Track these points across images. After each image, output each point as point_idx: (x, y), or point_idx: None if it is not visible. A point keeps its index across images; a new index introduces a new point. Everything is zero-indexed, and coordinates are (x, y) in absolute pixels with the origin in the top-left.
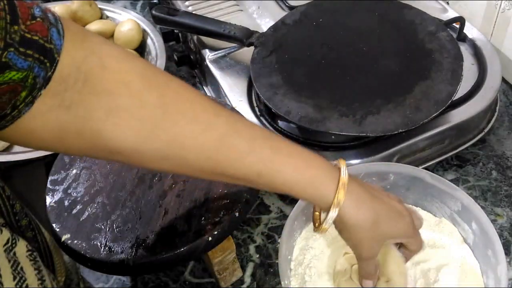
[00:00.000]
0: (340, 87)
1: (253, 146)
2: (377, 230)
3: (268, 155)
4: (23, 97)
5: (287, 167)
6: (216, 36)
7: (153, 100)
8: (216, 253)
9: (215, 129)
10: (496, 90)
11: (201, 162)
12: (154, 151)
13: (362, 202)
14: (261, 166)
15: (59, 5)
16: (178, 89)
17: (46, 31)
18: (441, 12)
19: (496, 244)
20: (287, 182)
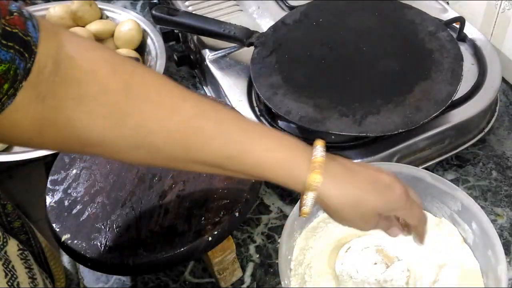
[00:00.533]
0: (340, 87)
1: (221, 128)
2: (365, 206)
3: (237, 136)
4: (6, 89)
5: (257, 148)
6: (216, 36)
7: (118, 86)
8: (216, 253)
9: (181, 113)
10: (496, 90)
11: (170, 148)
12: (124, 139)
13: (342, 181)
14: (230, 148)
15: (59, 5)
16: (144, 75)
17: (23, 24)
18: (441, 12)
19: (496, 244)
20: (258, 164)
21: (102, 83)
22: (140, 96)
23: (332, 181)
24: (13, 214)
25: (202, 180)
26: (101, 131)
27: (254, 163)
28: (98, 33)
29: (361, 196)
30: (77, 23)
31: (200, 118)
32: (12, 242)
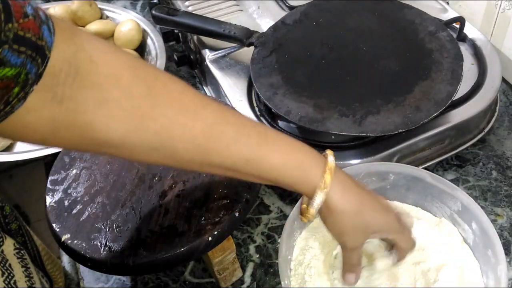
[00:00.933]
0: (340, 87)
1: (241, 133)
2: (362, 219)
3: (256, 141)
4: (16, 93)
5: (274, 152)
6: (216, 36)
7: (142, 91)
8: (216, 253)
9: (203, 119)
10: (496, 90)
11: (190, 152)
12: (144, 142)
13: (348, 189)
14: (249, 152)
15: (59, 5)
16: (166, 81)
17: (37, 28)
18: (441, 12)
19: (496, 244)
20: (274, 166)
21: (125, 88)
22: (163, 102)
23: (341, 186)
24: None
25: (202, 180)
26: (122, 134)
27: (271, 166)
28: (98, 33)
29: (363, 209)
30: (77, 23)
31: (221, 123)
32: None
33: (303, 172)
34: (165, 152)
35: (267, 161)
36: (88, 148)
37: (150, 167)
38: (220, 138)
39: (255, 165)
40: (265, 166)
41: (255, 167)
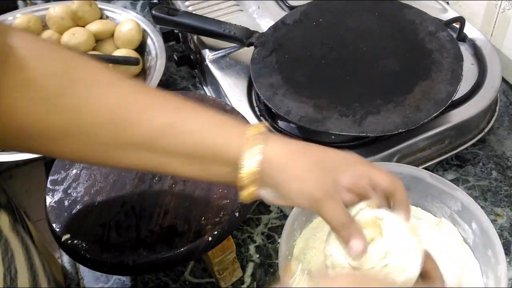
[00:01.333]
0: (340, 87)
1: (157, 101)
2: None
3: (173, 106)
4: None
5: (193, 114)
6: (216, 36)
7: (58, 69)
8: (216, 253)
9: (117, 91)
10: (496, 90)
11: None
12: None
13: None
14: (165, 117)
15: (59, 5)
16: (84, 59)
17: None
18: (441, 12)
19: (496, 244)
20: (194, 128)
21: (43, 68)
22: (77, 78)
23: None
24: None
25: None
26: (35, 117)
27: (192, 128)
28: (98, 33)
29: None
30: (77, 23)
31: (135, 93)
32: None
33: (227, 130)
34: (80, 136)
35: (186, 124)
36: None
37: None
38: (133, 105)
39: (173, 131)
40: (184, 129)
41: (173, 133)
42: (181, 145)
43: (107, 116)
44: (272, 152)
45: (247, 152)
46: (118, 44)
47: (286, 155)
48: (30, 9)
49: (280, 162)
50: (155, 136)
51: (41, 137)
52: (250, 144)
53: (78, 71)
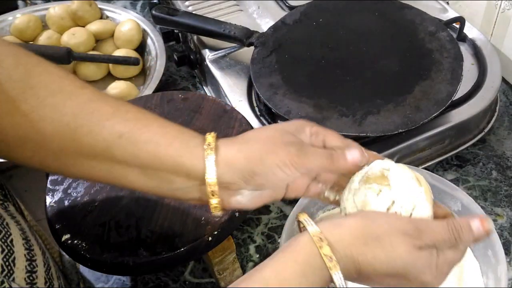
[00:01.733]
0: (340, 87)
1: (118, 109)
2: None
3: (133, 116)
4: None
5: (152, 124)
6: (216, 36)
7: (20, 75)
8: (216, 253)
9: (77, 98)
10: (496, 90)
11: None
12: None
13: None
14: (123, 126)
15: (59, 5)
16: (48, 67)
17: None
18: (441, 12)
19: (496, 244)
20: (152, 138)
21: (5, 72)
22: (38, 84)
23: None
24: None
25: None
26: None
27: (148, 138)
28: (98, 33)
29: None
30: (77, 23)
31: (96, 101)
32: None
33: (185, 141)
34: (36, 142)
35: (144, 133)
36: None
37: None
38: (92, 114)
39: (130, 140)
40: (141, 138)
41: (130, 143)
42: (136, 156)
43: (61, 125)
44: (231, 151)
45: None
46: (118, 44)
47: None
48: (30, 9)
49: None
50: (109, 145)
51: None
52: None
53: (39, 78)
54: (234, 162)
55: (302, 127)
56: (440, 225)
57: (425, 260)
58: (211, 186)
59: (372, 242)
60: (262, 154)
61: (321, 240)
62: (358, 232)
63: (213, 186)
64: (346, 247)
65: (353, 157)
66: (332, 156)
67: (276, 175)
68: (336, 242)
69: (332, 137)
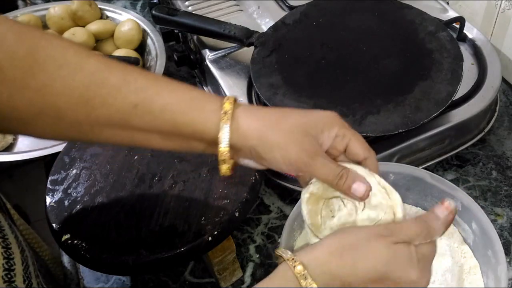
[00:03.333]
0: (340, 87)
1: (127, 78)
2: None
3: (144, 83)
4: None
5: (164, 91)
6: (216, 36)
7: (24, 51)
8: (216, 253)
9: (85, 69)
10: (496, 90)
11: (73, 107)
12: (27, 105)
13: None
14: (136, 96)
15: (59, 5)
16: (52, 39)
17: None
18: (441, 12)
19: (496, 244)
20: (166, 106)
21: (8, 50)
22: (44, 58)
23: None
24: None
25: (202, 180)
26: (6, 97)
27: (163, 105)
28: (98, 33)
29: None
30: (77, 23)
31: (104, 71)
32: None
33: (200, 108)
34: (51, 115)
35: (157, 101)
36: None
37: (150, 167)
38: (101, 85)
39: (145, 108)
40: (156, 107)
41: (145, 112)
42: (154, 123)
43: (73, 98)
44: (247, 125)
45: (223, 128)
46: (118, 44)
47: (263, 125)
48: (30, 9)
49: (258, 134)
50: (125, 116)
51: (13, 118)
52: (224, 120)
53: (45, 52)
54: (247, 137)
55: (331, 125)
56: (410, 221)
57: (404, 254)
58: (222, 154)
59: (348, 252)
60: (274, 144)
61: (294, 261)
62: (333, 247)
63: (224, 154)
64: (322, 265)
65: (356, 192)
66: (339, 177)
67: (280, 167)
68: (310, 261)
69: (357, 143)
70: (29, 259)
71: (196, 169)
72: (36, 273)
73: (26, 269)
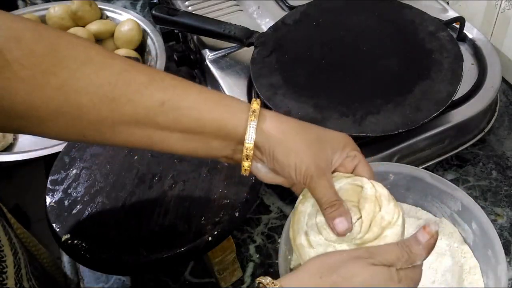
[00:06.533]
0: (340, 87)
1: (153, 78)
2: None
3: (170, 83)
4: None
5: (192, 90)
6: (216, 36)
7: (44, 49)
8: (216, 253)
9: (110, 68)
10: (496, 90)
11: (97, 106)
12: (47, 103)
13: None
14: (163, 94)
15: (59, 5)
16: (71, 38)
17: None
18: (441, 12)
19: (496, 244)
20: (194, 104)
21: (26, 48)
22: (66, 56)
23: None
24: None
25: (202, 180)
26: (24, 95)
27: (191, 104)
28: (98, 33)
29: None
30: (77, 23)
31: (130, 71)
32: None
33: (228, 106)
34: (71, 114)
35: (186, 99)
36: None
37: (150, 167)
38: (128, 83)
39: (172, 107)
40: (183, 104)
41: (172, 109)
42: (179, 121)
43: (97, 96)
44: (272, 126)
45: (248, 127)
46: (118, 44)
47: (286, 130)
48: (30, 9)
49: (281, 137)
50: (151, 113)
51: (30, 116)
52: (250, 119)
53: (66, 50)
54: (270, 137)
55: (345, 145)
56: (391, 245)
57: (383, 275)
58: (247, 149)
59: (327, 273)
60: (292, 150)
61: (274, 284)
62: (313, 269)
63: (249, 150)
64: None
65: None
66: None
67: (289, 173)
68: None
69: (363, 168)
70: (21, 261)
71: (196, 169)
72: (28, 276)
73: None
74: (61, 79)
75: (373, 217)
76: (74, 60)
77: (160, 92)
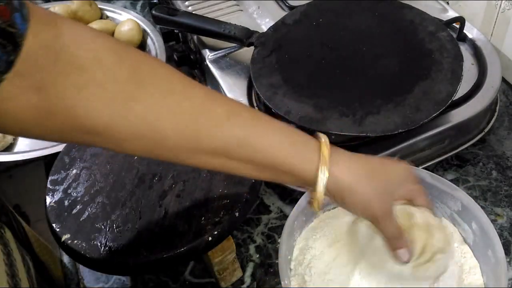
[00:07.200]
0: (340, 87)
1: (232, 112)
2: (378, 180)
3: (249, 120)
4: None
5: (269, 130)
6: (216, 36)
7: (125, 74)
8: (216, 253)
9: (191, 98)
10: (496, 90)
11: (178, 135)
12: (129, 127)
13: (349, 157)
14: (242, 130)
15: (59, 5)
16: (153, 64)
17: (9, 15)
18: (441, 12)
19: (496, 244)
20: (270, 145)
21: (108, 70)
22: (148, 84)
23: (342, 157)
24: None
25: (202, 180)
26: (106, 118)
27: (267, 144)
28: None
29: (373, 169)
30: None
31: (211, 102)
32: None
33: (300, 150)
34: (152, 139)
35: (262, 139)
36: (73, 137)
37: (150, 167)
38: (210, 116)
39: (249, 144)
40: (260, 145)
41: (249, 147)
42: (254, 157)
43: (179, 126)
44: (342, 173)
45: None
46: None
47: (356, 178)
48: None
49: (349, 185)
50: (227, 147)
51: (110, 137)
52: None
53: (148, 78)
54: (339, 184)
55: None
56: None
57: None
58: (317, 196)
59: None
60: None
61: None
62: None
63: (319, 195)
64: None
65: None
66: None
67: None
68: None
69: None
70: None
71: (196, 169)
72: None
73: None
74: (143, 107)
75: (425, 244)
76: (157, 89)
77: (238, 128)
